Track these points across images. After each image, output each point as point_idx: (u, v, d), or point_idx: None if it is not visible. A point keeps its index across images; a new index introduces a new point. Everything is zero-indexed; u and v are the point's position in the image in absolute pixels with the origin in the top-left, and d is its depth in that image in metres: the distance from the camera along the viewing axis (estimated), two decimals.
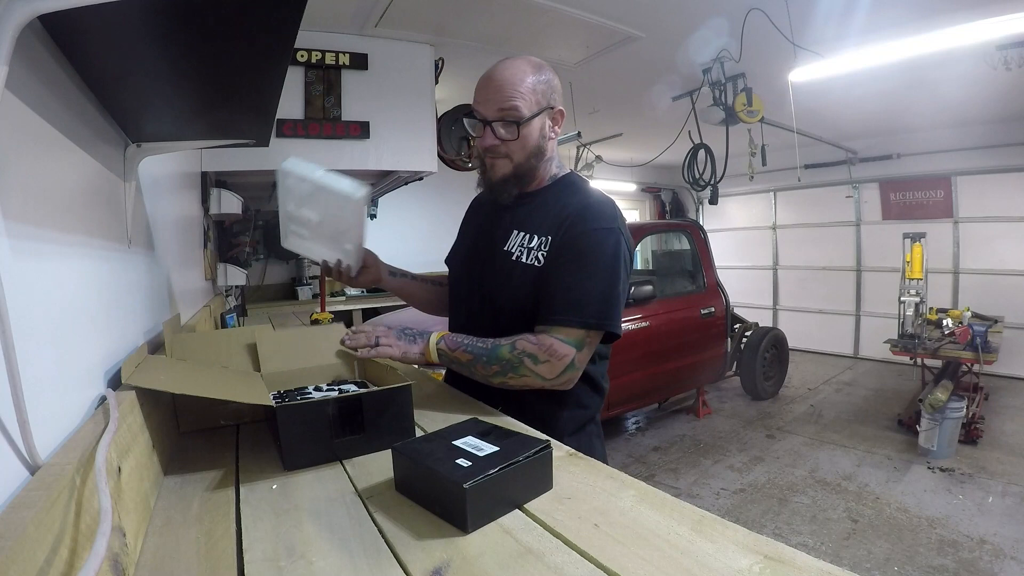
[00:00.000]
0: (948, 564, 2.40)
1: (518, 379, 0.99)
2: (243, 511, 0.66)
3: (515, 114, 1.00)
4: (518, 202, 1.10)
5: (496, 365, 0.99)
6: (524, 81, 1.00)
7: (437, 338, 1.05)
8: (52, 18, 0.51)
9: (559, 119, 1.08)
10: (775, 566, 0.50)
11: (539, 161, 1.07)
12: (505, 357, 0.99)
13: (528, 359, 0.97)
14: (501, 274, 1.07)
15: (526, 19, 2.76)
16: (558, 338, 0.97)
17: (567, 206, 1.04)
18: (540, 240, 1.04)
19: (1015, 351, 5.01)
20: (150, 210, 1.26)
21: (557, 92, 1.06)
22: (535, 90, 1.01)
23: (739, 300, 6.34)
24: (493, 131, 1.02)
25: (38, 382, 0.52)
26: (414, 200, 5.06)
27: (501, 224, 1.11)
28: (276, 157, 2.58)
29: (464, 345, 1.02)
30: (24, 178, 0.56)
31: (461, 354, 1.02)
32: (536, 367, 0.97)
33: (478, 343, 1.02)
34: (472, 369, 1.02)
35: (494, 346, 1.00)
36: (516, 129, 1.00)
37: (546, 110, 1.04)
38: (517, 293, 1.05)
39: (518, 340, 0.99)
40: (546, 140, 1.07)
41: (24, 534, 0.37)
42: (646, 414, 4.71)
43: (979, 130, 5.20)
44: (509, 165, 1.05)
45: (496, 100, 1.00)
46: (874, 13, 2.68)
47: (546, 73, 1.04)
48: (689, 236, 4.65)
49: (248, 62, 0.71)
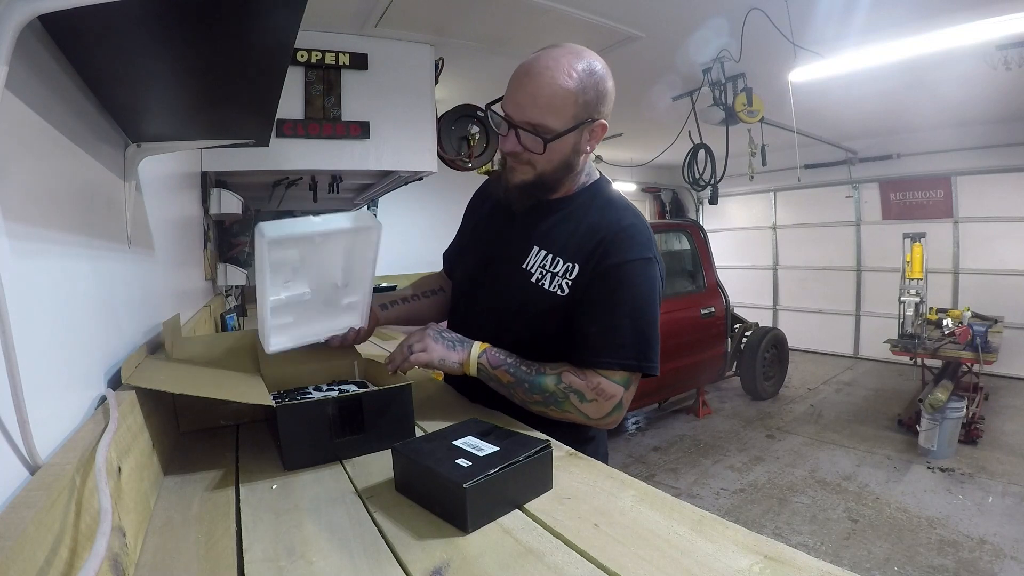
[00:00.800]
0: (948, 564, 2.40)
1: (560, 413, 0.93)
2: (243, 511, 0.66)
3: (545, 127, 0.88)
4: (539, 210, 1.00)
5: (538, 395, 0.92)
6: (564, 90, 0.86)
7: (480, 350, 0.95)
8: (52, 18, 0.51)
9: (599, 133, 0.94)
10: (775, 566, 0.50)
11: (566, 175, 0.97)
12: (550, 389, 0.92)
13: (574, 396, 0.91)
14: (518, 295, 0.98)
15: (526, 19, 2.76)
16: (605, 377, 0.91)
17: (598, 229, 0.94)
18: (566, 266, 0.94)
19: (1015, 351, 5.01)
20: (150, 210, 1.26)
21: (605, 102, 0.92)
22: (576, 102, 0.87)
23: (739, 300, 6.34)
24: (517, 137, 0.90)
25: (38, 382, 0.52)
26: (414, 200, 5.06)
27: (519, 235, 1.01)
28: (276, 157, 2.60)
29: (507, 365, 0.94)
30: (24, 178, 0.56)
31: (502, 374, 0.93)
32: (582, 405, 0.92)
33: (522, 366, 0.94)
34: (512, 391, 0.94)
35: (538, 374, 0.93)
36: (543, 145, 0.89)
37: (585, 124, 0.90)
38: (535, 321, 0.97)
39: (563, 373, 0.92)
40: (578, 156, 0.95)
41: (24, 534, 0.37)
42: (646, 414, 4.70)
43: (979, 130, 5.19)
44: (531, 172, 0.94)
45: (527, 107, 0.88)
46: (874, 13, 2.68)
47: (597, 80, 0.89)
48: (689, 236, 4.65)
49: (248, 62, 0.71)
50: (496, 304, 1.02)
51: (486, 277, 1.05)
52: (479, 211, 1.16)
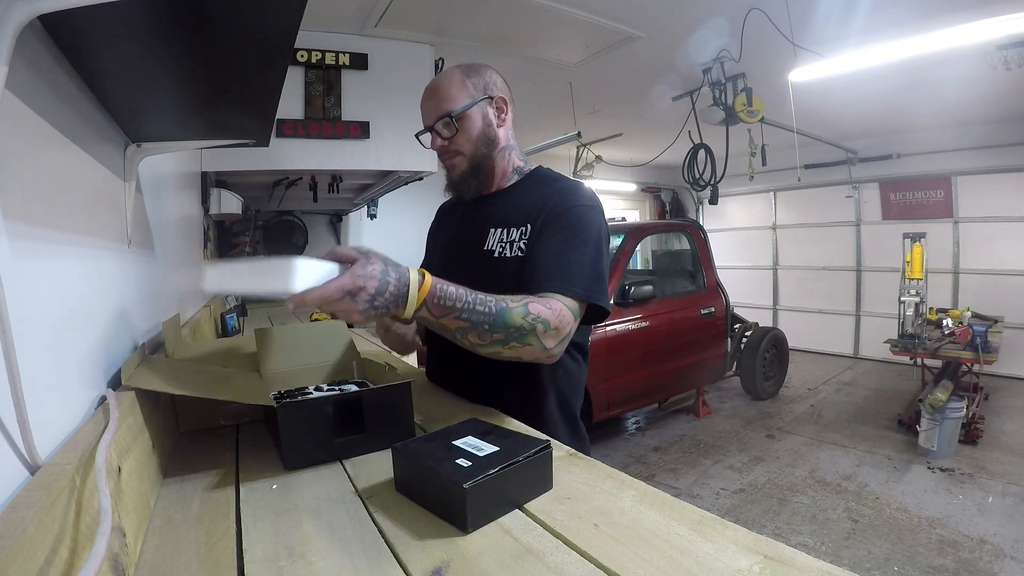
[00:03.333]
0: (948, 564, 2.40)
1: (517, 349, 0.87)
2: (243, 511, 0.66)
3: (447, 111, 1.03)
4: (489, 201, 1.10)
5: (500, 332, 0.85)
6: (452, 83, 1.05)
7: (418, 290, 0.81)
8: (52, 18, 0.51)
9: (504, 106, 1.08)
10: (775, 566, 0.50)
11: (492, 150, 1.08)
12: (516, 323, 0.85)
13: (540, 325, 0.87)
14: (486, 275, 0.99)
15: (526, 19, 2.76)
16: (563, 304, 0.90)
17: (542, 194, 1.04)
18: (520, 231, 1.02)
19: (1015, 351, 5.01)
20: (150, 210, 1.26)
21: (495, 83, 1.08)
22: (464, 85, 1.04)
23: (739, 300, 6.34)
24: (438, 134, 1.05)
25: (38, 382, 0.52)
26: (414, 200, 5.06)
27: (475, 226, 1.09)
28: (276, 157, 2.60)
29: (456, 310, 0.83)
30: (24, 178, 0.56)
31: (451, 321, 0.84)
32: (544, 336, 0.87)
33: (477, 306, 0.84)
34: (460, 336, 0.86)
35: (500, 310, 0.85)
36: (452, 123, 1.03)
37: (483, 99, 1.05)
38: (510, 290, 0.96)
39: (531, 303, 0.87)
40: (493, 128, 1.07)
41: (24, 534, 0.37)
42: (646, 414, 4.70)
43: (979, 130, 5.20)
44: (464, 161, 1.07)
45: (431, 106, 1.05)
46: (874, 13, 2.68)
47: (477, 70, 1.07)
48: (689, 236, 4.65)
49: (248, 62, 0.71)
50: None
51: (457, 277, 1.00)
52: (441, 232, 1.23)
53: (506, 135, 1.10)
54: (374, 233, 5.41)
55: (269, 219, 4.86)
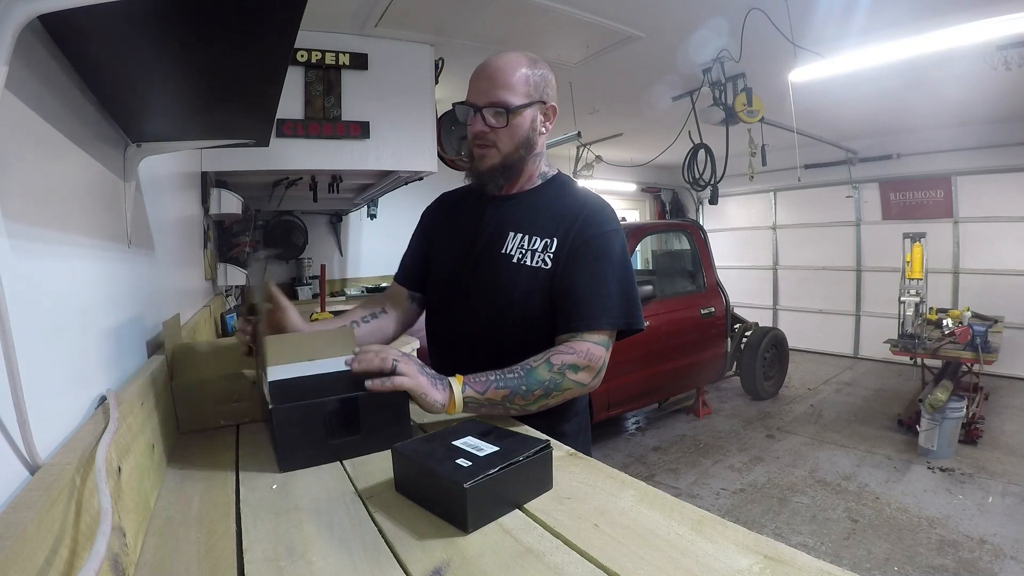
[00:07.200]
0: (948, 564, 2.40)
1: (560, 396, 0.95)
2: (243, 511, 0.66)
3: (505, 102, 1.00)
4: (510, 202, 1.08)
5: (539, 389, 0.92)
6: (517, 72, 1.00)
7: (460, 384, 0.89)
8: (52, 18, 0.51)
9: (551, 115, 1.07)
10: (775, 566, 0.50)
11: (528, 154, 1.06)
12: (546, 377, 0.93)
13: (569, 371, 0.94)
14: (504, 278, 1.02)
15: (526, 19, 2.76)
16: (591, 341, 0.97)
17: (569, 207, 1.04)
18: (544, 242, 1.02)
19: (1015, 351, 5.01)
20: (150, 210, 1.26)
21: (551, 88, 1.06)
22: (528, 82, 1.01)
23: (739, 300, 6.34)
24: (483, 118, 1.01)
25: (38, 382, 0.52)
26: (414, 200, 5.05)
27: (491, 226, 1.07)
28: (276, 157, 2.60)
29: (493, 382, 0.91)
30: (24, 178, 0.56)
31: (493, 393, 0.90)
32: (577, 376, 0.95)
33: (507, 374, 0.92)
34: (509, 404, 0.92)
35: (527, 371, 0.92)
36: (506, 117, 1.00)
37: (538, 103, 1.03)
38: (525, 298, 1.01)
39: (551, 356, 0.94)
40: (536, 134, 1.06)
41: (24, 534, 0.37)
42: (646, 414, 4.70)
43: (979, 130, 5.19)
44: (497, 156, 1.04)
45: (488, 88, 1.00)
46: (874, 13, 2.68)
47: (541, 68, 1.04)
48: (689, 236, 4.65)
49: (248, 62, 0.71)
50: (485, 296, 1.05)
51: (468, 275, 1.08)
52: (443, 228, 1.19)
53: (543, 142, 1.09)
54: (374, 233, 5.41)
55: (269, 219, 4.86)
